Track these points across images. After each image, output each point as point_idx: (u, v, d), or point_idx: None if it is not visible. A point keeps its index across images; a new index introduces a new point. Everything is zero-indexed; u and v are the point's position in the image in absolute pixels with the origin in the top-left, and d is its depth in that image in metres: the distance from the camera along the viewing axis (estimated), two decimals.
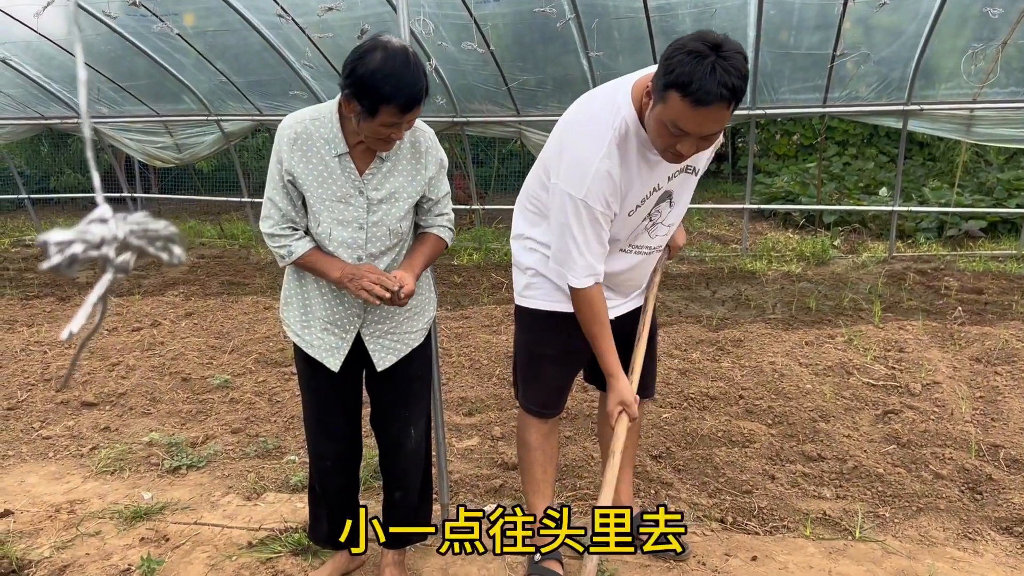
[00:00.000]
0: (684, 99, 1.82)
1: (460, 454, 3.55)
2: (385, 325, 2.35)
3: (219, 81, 7.61)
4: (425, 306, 2.46)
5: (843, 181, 9.48)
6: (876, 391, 4.07)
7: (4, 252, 8.69)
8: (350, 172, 2.17)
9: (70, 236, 0.47)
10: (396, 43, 2.01)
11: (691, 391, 4.11)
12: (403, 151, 2.22)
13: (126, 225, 0.49)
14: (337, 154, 2.15)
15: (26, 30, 6.92)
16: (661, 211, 2.31)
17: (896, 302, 5.66)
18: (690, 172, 2.30)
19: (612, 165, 2.09)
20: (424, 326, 2.45)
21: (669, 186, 2.25)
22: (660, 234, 2.38)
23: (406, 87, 1.96)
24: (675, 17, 6.02)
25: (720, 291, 6.20)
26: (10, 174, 9.98)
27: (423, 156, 2.25)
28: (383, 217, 2.21)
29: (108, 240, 0.47)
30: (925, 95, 6.45)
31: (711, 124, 1.87)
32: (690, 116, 1.85)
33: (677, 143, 1.93)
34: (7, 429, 3.97)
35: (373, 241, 2.22)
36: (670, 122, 1.89)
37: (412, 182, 2.24)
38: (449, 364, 4.70)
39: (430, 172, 2.26)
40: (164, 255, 0.54)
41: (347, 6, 5.81)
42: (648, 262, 2.45)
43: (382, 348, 2.36)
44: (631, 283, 2.48)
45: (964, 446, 3.41)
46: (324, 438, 2.47)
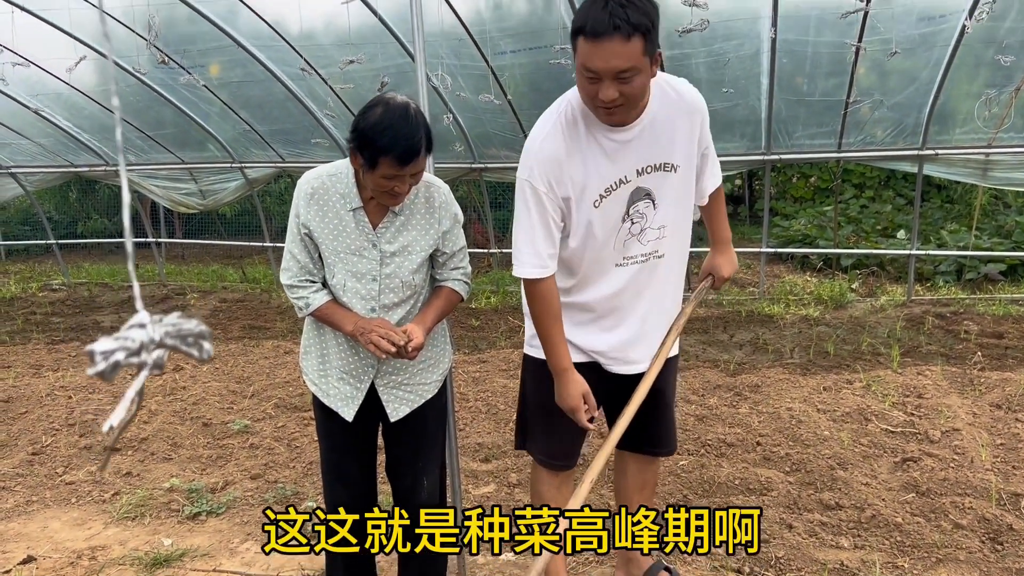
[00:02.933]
0: (584, 39, 1.92)
1: (476, 501, 3.56)
2: (399, 376, 2.40)
3: (243, 129, 7.79)
4: (440, 358, 2.50)
5: (860, 224, 9.48)
6: (894, 438, 4.05)
7: (32, 296, 8.86)
8: (364, 225, 2.25)
9: (114, 345, 0.52)
10: (399, 99, 2.11)
11: (708, 437, 4.11)
12: (417, 205, 2.29)
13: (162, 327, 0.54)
14: (352, 208, 2.23)
15: (58, 82, 7.14)
16: (643, 212, 2.24)
17: (915, 346, 5.63)
18: (667, 170, 2.24)
19: (556, 146, 2.15)
20: (438, 378, 2.49)
21: (643, 183, 2.21)
22: (651, 239, 2.29)
23: (403, 139, 2.04)
24: (689, 66, 6.12)
25: (738, 335, 6.21)
26: (39, 219, 10.20)
27: (437, 211, 2.31)
28: (396, 269, 2.28)
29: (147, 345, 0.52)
30: (940, 140, 6.48)
31: (615, 59, 1.90)
32: (592, 53, 1.91)
33: (597, 91, 1.97)
34: (31, 474, 4.03)
35: (386, 293, 2.29)
36: (582, 68, 1.97)
37: (425, 236, 2.30)
38: (466, 409, 4.73)
39: (444, 226, 2.32)
40: (195, 351, 0.59)
41: (368, 58, 5.97)
42: (651, 276, 2.34)
43: (396, 399, 2.41)
44: (639, 308, 2.35)
45: (984, 495, 3.39)
46: (339, 486, 2.51)
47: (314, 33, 6.51)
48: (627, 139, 2.16)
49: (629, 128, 2.15)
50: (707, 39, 5.56)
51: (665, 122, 2.19)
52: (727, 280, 2.55)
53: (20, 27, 6.10)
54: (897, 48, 5.33)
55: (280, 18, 6.25)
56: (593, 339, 2.38)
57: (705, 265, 2.56)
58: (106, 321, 7.52)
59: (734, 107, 6.54)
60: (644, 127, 2.17)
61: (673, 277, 2.41)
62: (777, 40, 5.69)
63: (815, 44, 5.89)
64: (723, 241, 2.55)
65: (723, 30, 5.71)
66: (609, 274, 2.30)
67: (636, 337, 2.37)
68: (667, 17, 5.61)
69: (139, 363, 0.52)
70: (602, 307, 2.35)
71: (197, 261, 10.82)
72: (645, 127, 2.17)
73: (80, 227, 11.80)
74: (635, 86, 1.97)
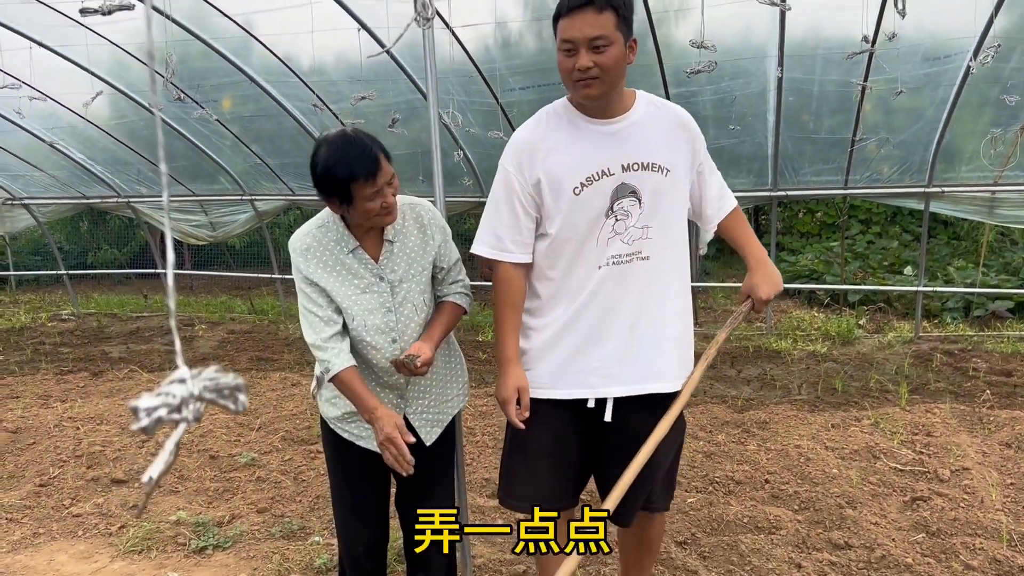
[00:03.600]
0: (561, 18, 2.07)
1: (484, 537, 3.55)
2: (426, 399, 2.44)
3: (254, 163, 7.88)
4: (456, 372, 2.54)
5: (867, 259, 9.50)
6: (904, 476, 4.03)
7: (41, 326, 8.90)
8: (366, 262, 2.30)
9: (156, 402, 0.54)
10: (334, 132, 2.18)
11: (716, 475, 4.10)
12: (408, 228, 2.35)
13: (201, 382, 0.56)
14: (350, 250, 2.29)
15: (73, 116, 7.25)
16: (628, 210, 2.19)
17: (923, 384, 5.62)
18: (655, 171, 2.20)
19: (533, 132, 2.24)
20: (460, 391, 2.54)
21: (628, 179, 2.18)
22: (635, 237, 2.21)
23: (358, 159, 2.10)
24: (696, 103, 6.19)
25: (745, 370, 6.20)
26: (50, 250, 10.29)
27: (427, 228, 2.37)
28: (407, 295, 2.33)
29: (186, 400, 0.54)
30: (946, 177, 6.52)
31: (588, 27, 2.02)
32: (568, 25, 2.05)
33: (574, 63, 2.06)
34: (38, 506, 4.03)
35: (404, 322, 2.33)
36: (560, 44, 2.09)
37: (423, 255, 2.36)
38: (473, 443, 4.73)
39: (437, 241, 2.37)
40: (231, 404, 0.61)
41: (379, 94, 6.05)
42: (636, 279, 2.23)
43: (427, 423, 2.45)
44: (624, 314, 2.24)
45: (995, 535, 3.36)
46: (357, 523, 2.51)
47: (325, 68, 6.61)
48: (611, 131, 2.20)
49: (613, 121, 2.20)
50: (714, 78, 5.63)
51: (651, 124, 2.23)
52: (768, 301, 2.32)
53: (38, 62, 6.21)
54: (903, 87, 5.38)
55: (292, 54, 6.35)
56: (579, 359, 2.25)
57: (743, 287, 2.37)
58: (114, 352, 7.54)
59: (741, 144, 6.59)
60: (630, 124, 2.21)
61: (662, 286, 2.27)
62: (784, 79, 5.76)
63: (821, 83, 5.96)
64: (758, 260, 2.37)
65: (730, 68, 5.78)
66: (591, 275, 2.22)
67: (623, 350, 2.24)
68: (674, 57, 5.71)
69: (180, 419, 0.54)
70: (586, 315, 2.24)
71: (206, 292, 10.87)
72: (630, 124, 2.21)
73: (90, 257, 11.89)
74: (609, 56, 2.05)
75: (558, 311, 2.27)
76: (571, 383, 2.27)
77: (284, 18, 5.77)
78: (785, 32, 5.40)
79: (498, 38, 6.05)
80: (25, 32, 6.07)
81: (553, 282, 2.27)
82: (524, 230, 2.24)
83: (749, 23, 5.57)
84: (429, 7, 2.29)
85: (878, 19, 5.08)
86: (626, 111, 2.21)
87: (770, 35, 5.54)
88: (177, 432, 0.58)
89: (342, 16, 5.58)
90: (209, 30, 6.03)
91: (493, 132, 6.08)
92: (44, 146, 7.95)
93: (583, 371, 2.26)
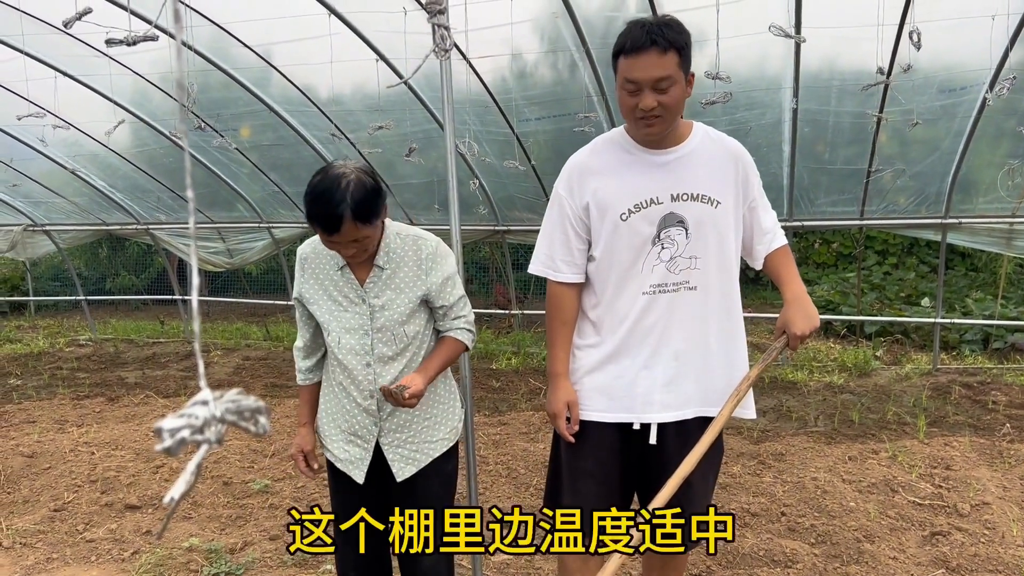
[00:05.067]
0: (624, 57, 2.09)
1: (496, 567, 3.52)
2: (403, 434, 2.42)
3: (272, 190, 7.97)
4: (446, 416, 2.50)
5: (884, 291, 9.44)
6: (922, 511, 3.97)
7: (59, 351, 8.97)
8: (352, 282, 2.35)
9: (180, 423, 0.55)
10: (338, 170, 2.17)
11: (732, 506, 4.05)
12: (405, 259, 2.37)
13: (223, 404, 0.57)
14: (339, 267, 2.35)
15: (95, 144, 7.37)
16: (675, 239, 2.22)
17: (941, 416, 5.55)
18: (705, 202, 2.23)
19: (587, 157, 2.31)
20: (445, 436, 2.49)
21: (677, 208, 2.21)
22: (681, 267, 2.24)
23: (324, 209, 2.11)
24: None
25: (761, 401, 6.15)
26: (70, 276, 10.40)
27: (424, 263, 2.37)
28: (386, 323, 2.34)
29: (209, 421, 0.55)
30: (963, 208, 6.49)
31: (653, 68, 2.06)
32: (632, 65, 2.07)
33: (637, 101, 2.09)
34: (52, 531, 4.04)
35: (379, 347, 2.35)
36: (623, 82, 2.11)
37: (412, 288, 2.36)
38: (486, 472, 4.70)
39: (433, 279, 2.37)
40: (252, 427, 0.62)
41: (396, 123, 6.11)
42: (683, 309, 2.25)
43: (401, 458, 2.43)
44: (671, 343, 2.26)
45: (1017, 572, 3.30)
46: (349, 550, 2.51)
47: (343, 98, 6.69)
48: (663, 161, 2.24)
49: (666, 151, 2.24)
50: (729, 108, 5.66)
51: (705, 156, 2.26)
52: (803, 338, 2.26)
53: (62, 91, 6.33)
54: (918, 119, 5.38)
55: (310, 83, 6.44)
56: (624, 383, 2.28)
57: (778, 322, 2.33)
58: (130, 377, 7.58)
59: None
60: (683, 155, 2.25)
61: (713, 316, 2.28)
62: (799, 110, 5.78)
63: (836, 114, 5.97)
64: (796, 295, 2.33)
65: (745, 99, 5.81)
66: (636, 300, 2.25)
67: (670, 377, 2.26)
68: None
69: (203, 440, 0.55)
70: (631, 339, 2.27)
71: (222, 319, 10.94)
72: (684, 156, 2.25)
73: (108, 283, 12.01)
74: (672, 96, 2.09)
75: (604, 335, 2.32)
76: (616, 407, 2.31)
77: (303, 49, 5.86)
78: (800, 63, 5.43)
79: (514, 69, 6.11)
80: (51, 62, 6.20)
81: (600, 306, 2.33)
82: (575, 251, 2.31)
83: (764, 54, 5.60)
84: (447, 39, 2.32)
85: (893, 51, 5.10)
86: (681, 141, 2.26)
87: (785, 66, 5.57)
88: (199, 454, 0.59)
89: (360, 47, 5.66)
90: (230, 60, 6.14)
91: (508, 161, 6.12)
92: (66, 173, 8.08)
93: (628, 396, 2.29)
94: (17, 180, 8.31)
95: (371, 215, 2.16)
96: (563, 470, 2.43)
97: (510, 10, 5.10)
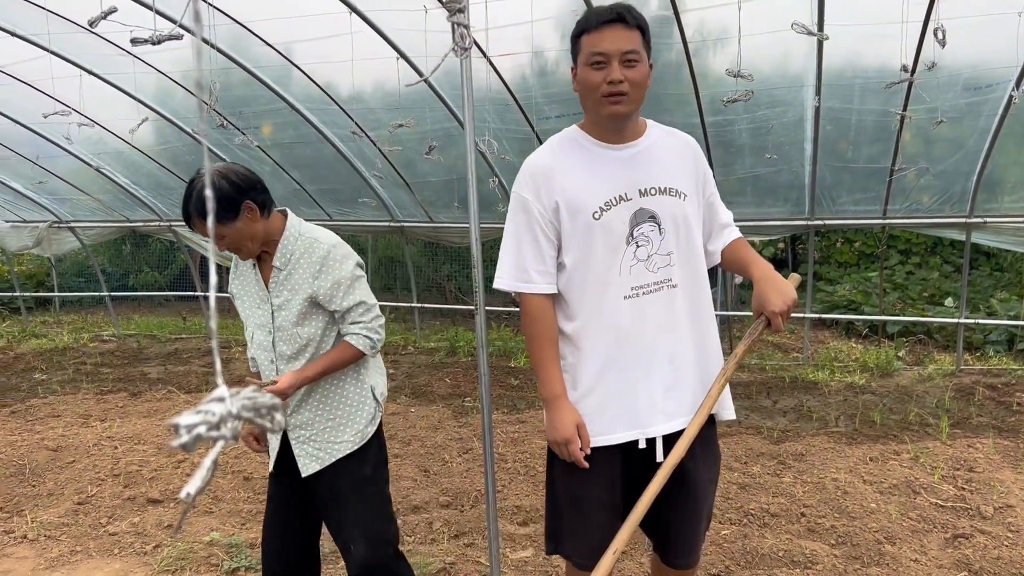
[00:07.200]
0: (588, 33, 2.07)
1: (514, 565, 3.53)
2: (307, 431, 2.51)
3: (293, 188, 8.01)
4: (352, 419, 2.54)
5: (907, 291, 9.35)
6: (945, 512, 3.93)
7: (83, 347, 9.08)
8: (259, 280, 2.48)
9: (196, 419, 0.56)
10: (202, 171, 2.37)
11: (751, 507, 4.03)
12: (300, 260, 2.44)
13: (239, 401, 0.58)
14: (253, 265, 2.49)
15: (119, 141, 7.45)
16: (648, 236, 2.14)
17: (964, 418, 5.49)
18: (673, 195, 2.16)
19: (547, 159, 2.20)
20: (351, 438, 2.52)
21: (646, 203, 2.14)
22: (660, 265, 2.15)
23: (182, 209, 2.32)
24: (732, 132, 6.18)
25: (781, 401, 6.11)
26: (94, 272, 10.52)
27: (314, 265, 2.44)
28: (282, 323, 2.45)
29: (225, 417, 0.56)
30: (988, 207, 6.41)
31: (621, 41, 2.04)
32: (599, 38, 2.05)
33: (605, 74, 2.05)
34: (76, 524, 4.09)
35: (279, 344, 2.46)
36: (588, 58, 2.07)
37: (303, 290, 2.43)
38: (504, 470, 4.71)
39: (321, 283, 2.43)
40: (268, 423, 0.63)
41: (416, 122, 6.12)
42: (668, 308, 2.16)
43: (306, 454, 2.51)
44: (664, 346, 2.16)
45: None
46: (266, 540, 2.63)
47: (363, 96, 6.72)
48: (627, 156, 2.16)
49: (627, 145, 2.17)
50: (750, 106, 5.62)
51: (666, 149, 2.21)
52: (782, 314, 2.14)
53: (87, 90, 6.40)
54: (943, 117, 5.32)
55: (331, 82, 6.47)
56: (624, 398, 2.15)
57: (753, 305, 2.21)
58: (153, 373, 7.67)
59: (778, 172, 6.56)
60: (644, 148, 2.18)
61: (696, 312, 2.21)
62: (821, 108, 5.73)
63: (859, 112, 5.92)
64: (763, 275, 2.21)
65: (766, 98, 5.77)
66: (619, 307, 2.13)
67: (669, 381, 2.16)
68: (710, 86, 5.72)
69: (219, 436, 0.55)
70: (621, 349, 2.14)
71: None
72: (645, 149, 2.18)
73: (132, 280, 12.13)
74: (638, 72, 2.06)
75: (589, 350, 2.17)
76: (619, 426, 2.16)
77: (324, 47, 5.89)
78: (823, 61, 5.39)
79: (535, 66, 6.10)
80: (77, 61, 6.27)
81: (579, 318, 2.17)
82: (547, 258, 2.16)
83: (786, 52, 5.56)
84: (467, 38, 2.32)
85: (917, 48, 5.05)
86: (639, 136, 2.19)
87: (807, 64, 5.53)
88: (215, 449, 0.60)
89: (381, 45, 5.68)
90: (251, 58, 6.17)
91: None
92: (90, 170, 8.17)
93: (630, 410, 2.15)
94: (43, 177, 8.41)
95: (216, 216, 2.27)
96: (564, 504, 2.25)
97: (531, 8, 5.10)
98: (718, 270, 8.50)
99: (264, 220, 2.38)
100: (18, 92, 6.82)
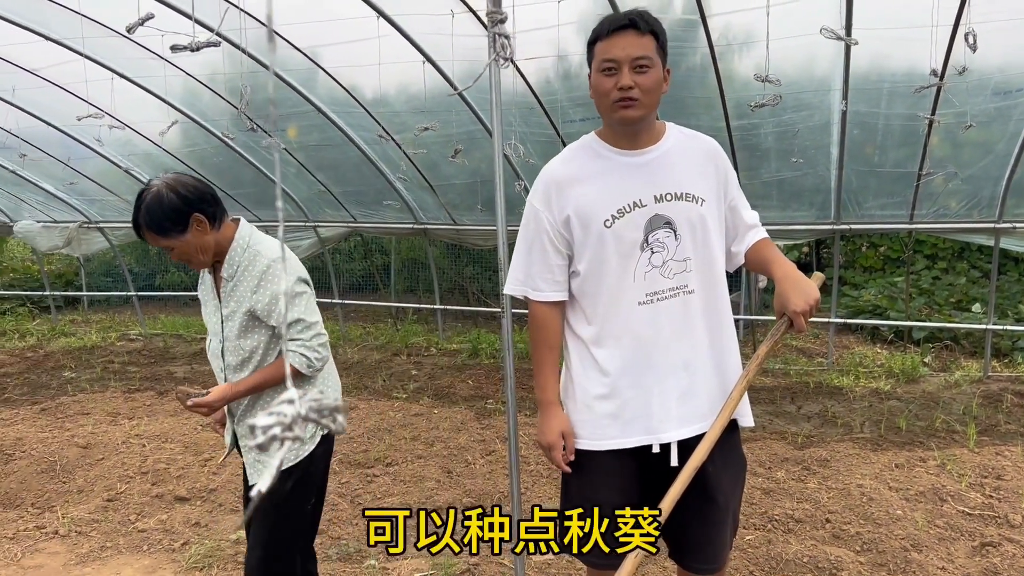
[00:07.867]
0: (601, 40, 2.09)
1: (538, 567, 3.54)
2: (248, 441, 2.54)
3: (318, 190, 8.08)
4: None
5: (933, 296, 9.25)
6: (972, 520, 3.90)
7: (111, 345, 9.20)
8: (214, 289, 2.52)
9: (271, 421, 0.59)
10: (152, 182, 2.36)
11: (775, 512, 4.02)
12: (245, 272, 2.45)
13: (306, 403, 0.60)
14: (209, 272, 2.54)
15: (148, 143, 7.56)
16: (664, 242, 2.13)
17: (992, 425, 5.44)
18: (690, 200, 2.15)
19: (561, 167, 2.23)
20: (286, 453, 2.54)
21: (662, 209, 2.13)
22: (676, 271, 2.14)
23: (133, 218, 2.35)
24: (758, 135, 6.16)
25: (806, 407, 6.08)
26: (121, 272, 10.65)
27: (253, 280, 2.44)
28: (229, 332, 2.48)
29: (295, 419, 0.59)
30: (1018, 213, 6.34)
31: (631, 47, 2.05)
32: (610, 45, 2.07)
33: (615, 82, 2.07)
34: (106, 520, 4.16)
35: (227, 354, 2.50)
36: (600, 63, 2.09)
37: (245, 302, 2.45)
38: (527, 473, 4.72)
39: (259, 297, 2.43)
40: (332, 424, 0.65)
41: (442, 125, 6.16)
42: (684, 314, 2.16)
43: (250, 462, 2.58)
44: (679, 352, 2.15)
45: None
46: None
47: (388, 99, 6.76)
48: (642, 162, 2.16)
49: (643, 151, 2.17)
50: (776, 110, 5.60)
51: (683, 154, 2.20)
52: (804, 314, 2.08)
53: (118, 93, 6.50)
54: (972, 122, 5.27)
55: (357, 85, 6.52)
56: (637, 404, 2.15)
57: (775, 305, 2.16)
58: (179, 372, 7.76)
59: (803, 176, 6.53)
60: (660, 154, 2.18)
61: (713, 318, 2.20)
62: (848, 112, 5.70)
63: (887, 116, 5.88)
64: (785, 274, 2.16)
65: (793, 101, 5.75)
66: (634, 314, 2.13)
67: (684, 388, 2.16)
68: (736, 90, 5.70)
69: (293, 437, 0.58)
70: (635, 355, 2.15)
71: None
72: (662, 154, 2.18)
73: (158, 280, 12.27)
74: (650, 78, 2.07)
75: (604, 355, 2.18)
76: (632, 430, 2.17)
77: (350, 50, 5.94)
78: (850, 65, 5.36)
79: (559, 70, 6.12)
80: (109, 64, 6.37)
81: (594, 324, 2.19)
82: (555, 268, 2.20)
83: (812, 56, 5.53)
84: (508, 48, 2.34)
85: (947, 52, 5.01)
86: (657, 141, 2.19)
87: (834, 68, 5.50)
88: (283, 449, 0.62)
89: (407, 49, 5.72)
90: (278, 62, 6.24)
91: None
92: (119, 172, 8.29)
93: (644, 416, 2.16)
94: (74, 179, 8.54)
95: (164, 228, 2.31)
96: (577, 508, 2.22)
97: (557, 12, 5.11)
98: (742, 273, 8.48)
99: (215, 231, 2.39)
100: (51, 95, 6.94)
